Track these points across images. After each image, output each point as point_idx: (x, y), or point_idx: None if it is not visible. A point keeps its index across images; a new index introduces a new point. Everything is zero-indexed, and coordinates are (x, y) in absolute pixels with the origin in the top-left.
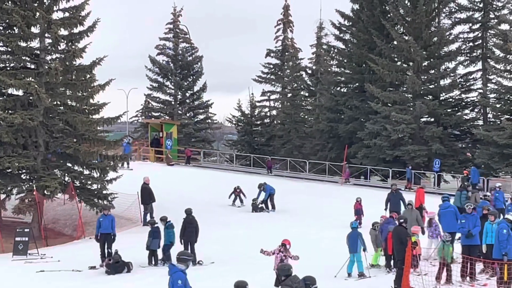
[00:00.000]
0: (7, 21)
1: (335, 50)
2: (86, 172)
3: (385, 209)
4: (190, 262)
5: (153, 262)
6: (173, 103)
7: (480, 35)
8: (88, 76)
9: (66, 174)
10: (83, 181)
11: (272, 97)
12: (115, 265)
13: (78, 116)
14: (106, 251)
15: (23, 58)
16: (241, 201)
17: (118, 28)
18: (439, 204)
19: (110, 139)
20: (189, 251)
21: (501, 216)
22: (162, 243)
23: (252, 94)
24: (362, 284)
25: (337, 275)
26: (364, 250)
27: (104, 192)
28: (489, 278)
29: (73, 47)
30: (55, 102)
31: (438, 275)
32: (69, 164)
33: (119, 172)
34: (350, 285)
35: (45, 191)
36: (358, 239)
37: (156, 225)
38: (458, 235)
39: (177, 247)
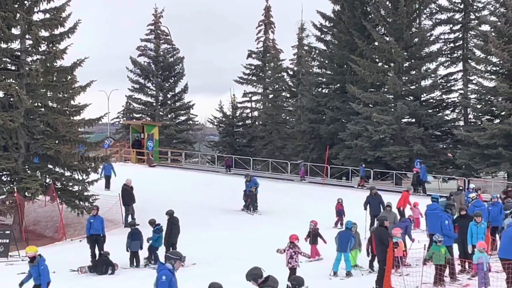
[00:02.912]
0: None
1: (317, 51)
2: (67, 173)
3: (365, 209)
4: (176, 261)
5: (135, 264)
6: (154, 104)
7: (460, 36)
8: (69, 77)
9: (47, 176)
10: (64, 182)
11: (254, 98)
12: (101, 260)
13: (59, 118)
14: (97, 252)
15: (4, 59)
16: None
17: (99, 29)
18: (427, 204)
19: (92, 140)
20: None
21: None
22: (144, 244)
23: (234, 95)
24: (345, 284)
25: (331, 275)
26: (350, 250)
27: (86, 193)
28: (470, 278)
29: (54, 48)
30: (36, 104)
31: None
32: (50, 166)
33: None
34: (333, 285)
35: (26, 193)
36: (351, 239)
37: (135, 227)
38: None
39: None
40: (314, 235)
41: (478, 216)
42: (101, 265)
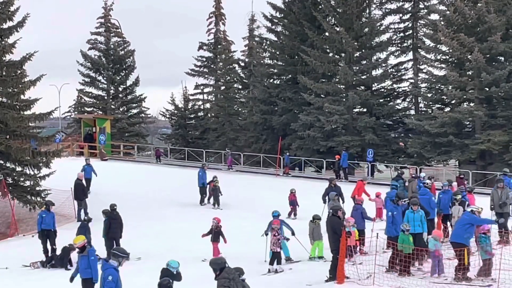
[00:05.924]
0: None
1: (268, 42)
2: (19, 168)
3: (324, 203)
4: (124, 259)
5: None
6: (106, 97)
7: (410, 25)
8: (19, 71)
9: None
10: (15, 178)
11: (206, 90)
12: (66, 251)
13: (9, 113)
14: (49, 247)
15: None
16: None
17: (49, 23)
18: (386, 192)
19: (43, 135)
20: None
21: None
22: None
23: (186, 87)
24: (299, 273)
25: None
26: (293, 234)
27: (37, 188)
28: (420, 267)
29: (3, 42)
30: None
31: (392, 264)
32: (1, 161)
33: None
34: (288, 274)
35: None
36: (281, 226)
37: (84, 222)
38: None
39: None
40: (216, 233)
41: (415, 204)
42: (66, 257)
